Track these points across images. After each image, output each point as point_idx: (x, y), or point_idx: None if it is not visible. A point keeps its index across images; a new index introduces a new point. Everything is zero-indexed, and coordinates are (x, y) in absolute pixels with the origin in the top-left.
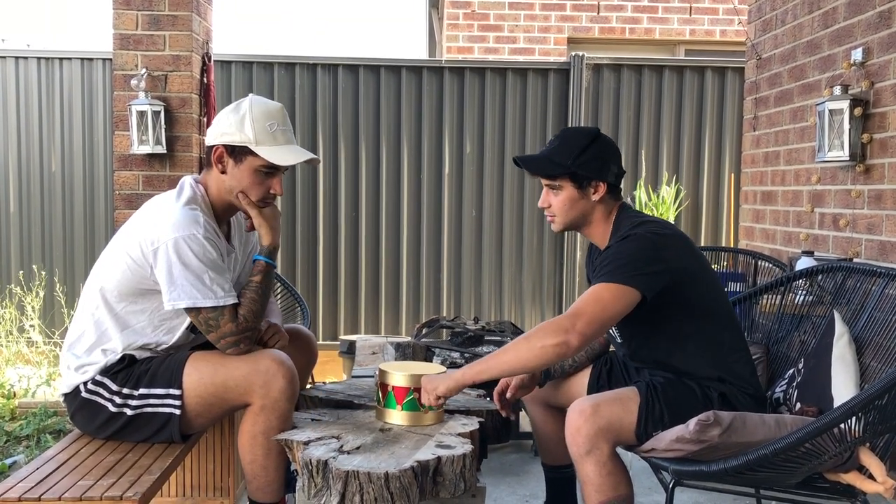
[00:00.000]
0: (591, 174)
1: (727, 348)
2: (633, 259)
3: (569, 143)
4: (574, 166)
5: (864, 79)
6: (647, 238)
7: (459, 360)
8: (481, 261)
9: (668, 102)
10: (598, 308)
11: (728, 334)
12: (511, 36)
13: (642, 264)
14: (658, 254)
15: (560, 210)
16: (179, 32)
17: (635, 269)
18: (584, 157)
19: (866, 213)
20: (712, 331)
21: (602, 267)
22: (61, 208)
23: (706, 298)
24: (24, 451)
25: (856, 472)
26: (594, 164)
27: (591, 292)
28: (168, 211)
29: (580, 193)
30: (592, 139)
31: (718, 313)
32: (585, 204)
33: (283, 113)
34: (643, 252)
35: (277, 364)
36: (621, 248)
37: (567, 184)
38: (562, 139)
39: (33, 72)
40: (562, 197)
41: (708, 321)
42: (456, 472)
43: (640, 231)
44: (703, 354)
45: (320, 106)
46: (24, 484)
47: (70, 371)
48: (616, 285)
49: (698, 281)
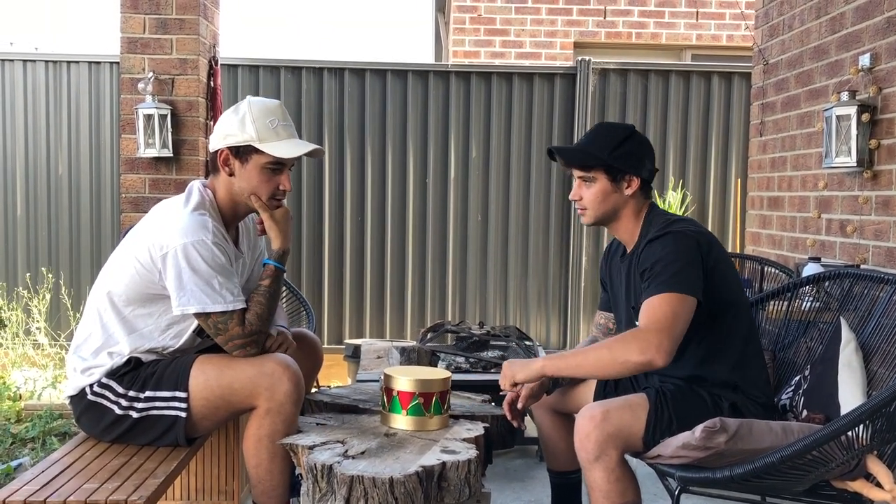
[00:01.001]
0: (627, 168)
1: (746, 352)
2: (684, 265)
3: (605, 137)
4: (610, 159)
5: (871, 84)
6: (691, 237)
7: (464, 364)
8: (486, 265)
9: (675, 107)
10: (678, 323)
11: (747, 337)
12: (517, 40)
13: (690, 268)
14: (701, 254)
15: (592, 203)
16: (186, 36)
17: (689, 276)
18: (621, 151)
19: (874, 219)
20: (734, 332)
21: (657, 276)
22: (68, 211)
23: (731, 299)
24: (29, 453)
25: (863, 479)
26: (630, 159)
27: (664, 304)
28: (177, 216)
29: (613, 187)
30: (629, 134)
31: (741, 314)
32: (618, 198)
33: (282, 109)
34: (689, 255)
35: (283, 367)
36: (668, 251)
37: (601, 176)
38: (598, 132)
39: (41, 75)
40: (594, 189)
41: (730, 322)
42: (461, 477)
43: (678, 229)
44: (721, 358)
45: (326, 110)
46: (30, 487)
47: (76, 373)
48: (681, 296)
49: (729, 283)
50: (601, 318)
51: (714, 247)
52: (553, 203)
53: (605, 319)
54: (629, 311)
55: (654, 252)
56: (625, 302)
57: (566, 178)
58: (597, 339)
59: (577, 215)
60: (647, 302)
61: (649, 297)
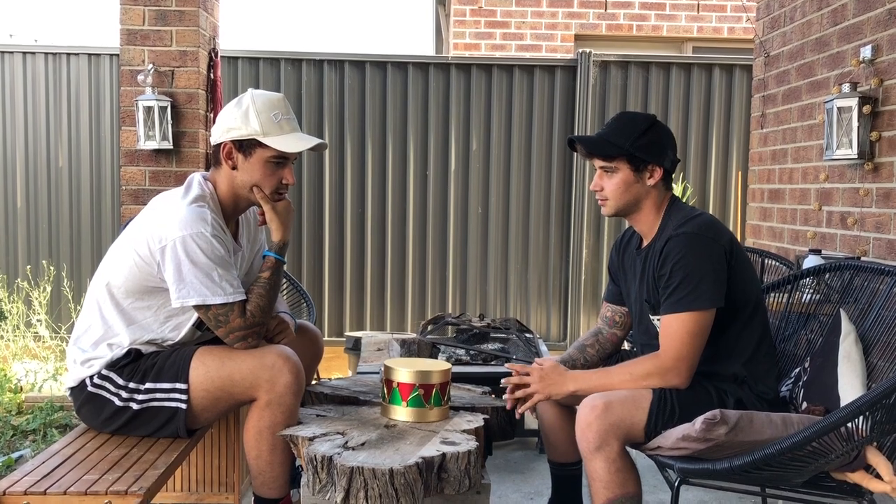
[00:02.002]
0: (650, 158)
1: (759, 349)
2: (704, 275)
3: (627, 126)
4: (633, 148)
5: (873, 76)
6: (707, 241)
7: (464, 356)
8: (487, 257)
9: (676, 100)
10: (696, 344)
11: (762, 334)
12: (518, 33)
13: (711, 277)
14: (720, 257)
15: (613, 193)
16: (186, 28)
17: (710, 287)
18: (643, 141)
19: (874, 211)
20: (748, 330)
21: (676, 289)
22: (68, 204)
23: (748, 298)
24: (30, 445)
25: (862, 471)
26: (653, 148)
27: (682, 328)
28: (176, 209)
29: (636, 177)
30: (651, 124)
31: (757, 312)
32: (640, 188)
33: (285, 102)
34: (710, 263)
35: (283, 359)
36: (686, 262)
37: (623, 165)
38: (619, 122)
39: (41, 67)
40: (616, 179)
41: (746, 320)
42: (461, 468)
43: (692, 230)
44: (734, 354)
45: (327, 102)
46: (30, 478)
47: (76, 365)
48: (701, 313)
49: (747, 281)
50: (607, 310)
51: (733, 245)
52: (553, 195)
53: (612, 312)
54: (642, 304)
55: (673, 254)
56: (638, 295)
57: (566, 171)
58: (600, 330)
59: (577, 208)
60: (665, 320)
61: (667, 315)
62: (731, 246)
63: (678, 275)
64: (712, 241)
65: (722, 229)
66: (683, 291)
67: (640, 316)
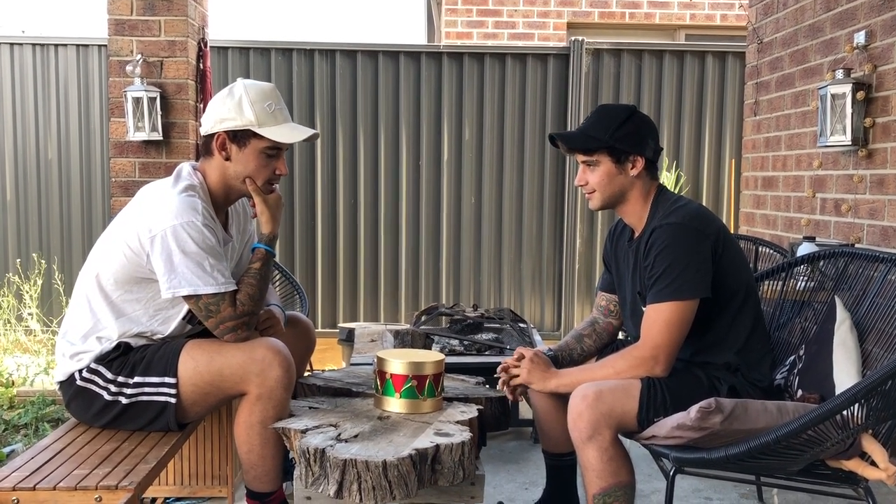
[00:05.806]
0: (629, 148)
1: (751, 337)
2: (687, 265)
3: (606, 118)
4: (612, 140)
5: (866, 62)
6: (692, 231)
7: (458, 347)
8: (480, 248)
9: (669, 87)
10: (674, 333)
11: (754, 322)
12: (510, 21)
13: (695, 267)
14: (705, 247)
15: (598, 186)
16: (175, 18)
17: (693, 277)
18: (622, 132)
19: (868, 198)
20: (740, 318)
21: (658, 279)
22: (58, 196)
23: (739, 286)
24: (22, 439)
25: (858, 458)
26: (632, 139)
27: (660, 317)
28: (165, 198)
29: (618, 168)
30: (630, 114)
31: (749, 300)
32: (623, 179)
33: (276, 92)
34: (694, 253)
35: (273, 353)
36: (669, 252)
37: (605, 158)
38: (598, 115)
39: (28, 58)
40: (599, 172)
41: (737, 309)
42: (455, 460)
43: (677, 220)
44: (726, 343)
45: (318, 92)
46: (19, 473)
47: (65, 358)
48: (681, 303)
49: (737, 268)
50: (602, 299)
51: (721, 234)
52: (547, 184)
53: (606, 301)
54: (634, 295)
55: (657, 244)
56: (630, 286)
57: (560, 160)
58: (596, 320)
59: (571, 198)
60: (647, 310)
61: (650, 304)
62: (718, 235)
63: (661, 264)
64: (697, 231)
65: (709, 219)
66: (665, 281)
67: (632, 307)
